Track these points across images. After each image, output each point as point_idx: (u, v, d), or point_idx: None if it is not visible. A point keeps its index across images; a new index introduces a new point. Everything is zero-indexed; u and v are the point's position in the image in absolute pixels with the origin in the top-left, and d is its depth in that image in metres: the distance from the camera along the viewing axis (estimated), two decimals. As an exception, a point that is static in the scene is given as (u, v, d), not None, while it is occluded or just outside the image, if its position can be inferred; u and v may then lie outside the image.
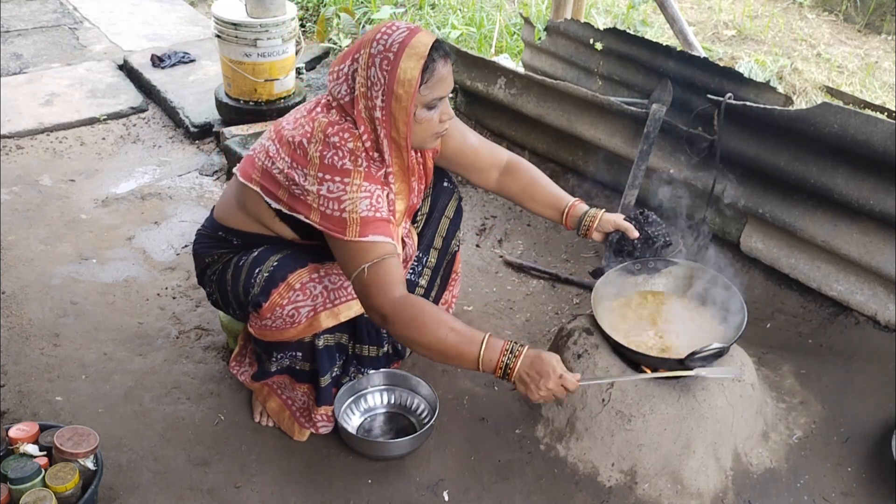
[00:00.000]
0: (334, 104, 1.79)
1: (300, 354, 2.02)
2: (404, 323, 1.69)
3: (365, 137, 1.74)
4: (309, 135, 1.75)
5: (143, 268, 2.77)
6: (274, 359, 2.02)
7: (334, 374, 2.07)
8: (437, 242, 2.24)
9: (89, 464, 1.81)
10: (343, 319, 1.94)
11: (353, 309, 1.94)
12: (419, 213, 2.20)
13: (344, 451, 2.07)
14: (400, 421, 2.17)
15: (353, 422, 2.13)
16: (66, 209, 3.14)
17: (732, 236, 2.86)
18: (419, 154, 1.99)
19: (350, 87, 1.73)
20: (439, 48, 1.72)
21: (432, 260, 2.23)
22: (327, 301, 1.91)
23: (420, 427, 2.10)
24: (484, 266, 2.88)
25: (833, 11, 5.70)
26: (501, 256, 2.96)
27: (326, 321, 1.91)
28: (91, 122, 3.87)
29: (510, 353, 1.68)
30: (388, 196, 1.81)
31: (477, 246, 3.01)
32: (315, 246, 1.92)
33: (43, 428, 1.88)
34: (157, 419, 2.14)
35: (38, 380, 2.24)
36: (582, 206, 2.09)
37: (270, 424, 2.14)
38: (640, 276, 2.15)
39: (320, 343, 1.97)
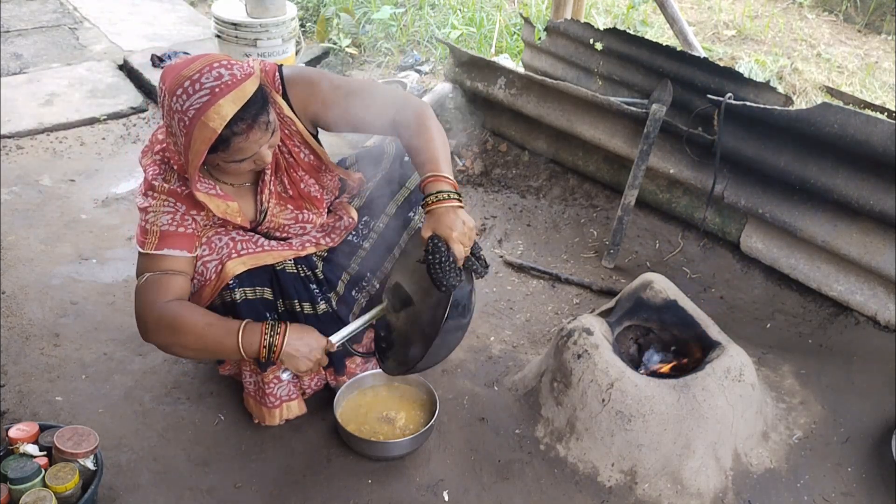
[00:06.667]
0: None
1: (229, 317, 1.97)
2: (164, 328, 1.74)
3: (175, 160, 1.77)
4: (146, 147, 1.85)
5: (143, 268, 2.77)
6: None
7: None
8: (391, 209, 2.18)
9: (89, 464, 1.80)
10: (251, 266, 1.91)
11: (262, 259, 1.93)
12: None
13: (344, 451, 2.07)
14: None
15: None
16: (66, 209, 3.14)
17: (732, 236, 2.86)
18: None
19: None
20: (245, 116, 1.63)
21: (381, 224, 2.18)
22: (232, 251, 1.90)
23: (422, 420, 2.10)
24: (484, 266, 2.87)
25: (833, 11, 5.70)
26: (501, 256, 2.96)
27: (233, 269, 1.89)
28: (91, 122, 3.86)
29: (271, 331, 1.75)
30: (205, 213, 1.84)
31: (477, 246, 3.01)
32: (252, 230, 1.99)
33: (43, 428, 1.87)
34: (157, 419, 2.14)
35: (38, 380, 2.24)
36: (431, 186, 1.74)
37: (272, 424, 2.14)
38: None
39: (237, 296, 1.93)
